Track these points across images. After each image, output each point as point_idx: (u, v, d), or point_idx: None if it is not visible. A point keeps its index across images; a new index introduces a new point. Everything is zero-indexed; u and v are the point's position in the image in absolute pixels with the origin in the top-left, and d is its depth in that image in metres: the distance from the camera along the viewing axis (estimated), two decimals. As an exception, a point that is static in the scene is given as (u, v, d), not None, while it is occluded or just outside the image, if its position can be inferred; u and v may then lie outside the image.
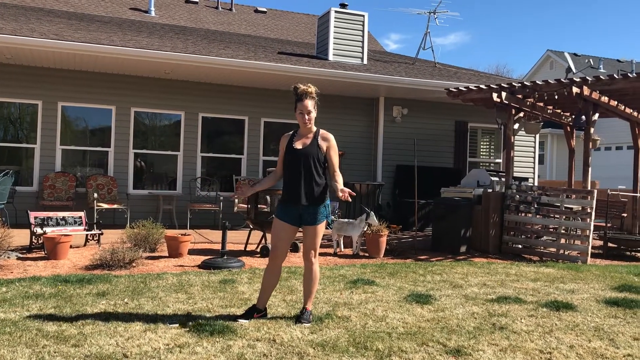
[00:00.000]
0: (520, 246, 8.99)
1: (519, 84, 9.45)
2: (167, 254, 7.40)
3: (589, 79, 8.81)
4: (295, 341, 3.87)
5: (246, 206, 9.37)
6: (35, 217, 7.48)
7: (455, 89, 10.39)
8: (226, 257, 6.80)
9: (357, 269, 6.88)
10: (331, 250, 8.40)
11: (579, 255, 8.36)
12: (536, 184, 14.17)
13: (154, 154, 11.57)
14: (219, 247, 7.39)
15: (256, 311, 4.40)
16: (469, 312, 4.83)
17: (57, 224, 7.63)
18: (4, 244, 6.55)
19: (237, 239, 9.03)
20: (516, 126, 9.74)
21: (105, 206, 10.00)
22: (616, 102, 9.78)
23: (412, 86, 11.65)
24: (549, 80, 9.14)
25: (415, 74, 12.45)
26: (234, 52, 11.26)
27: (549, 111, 10.68)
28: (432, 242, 9.20)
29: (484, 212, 9.13)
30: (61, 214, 7.80)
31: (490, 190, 9.70)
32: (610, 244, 9.31)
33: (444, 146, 13.31)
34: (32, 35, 9.36)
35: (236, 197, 4.55)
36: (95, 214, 9.56)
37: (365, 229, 8.09)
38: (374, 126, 12.90)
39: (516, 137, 10.83)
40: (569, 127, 11.50)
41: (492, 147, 14.22)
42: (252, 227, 8.09)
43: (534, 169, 14.23)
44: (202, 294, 5.22)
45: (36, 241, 7.35)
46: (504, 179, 9.92)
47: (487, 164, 14.10)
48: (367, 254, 8.14)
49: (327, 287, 5.68)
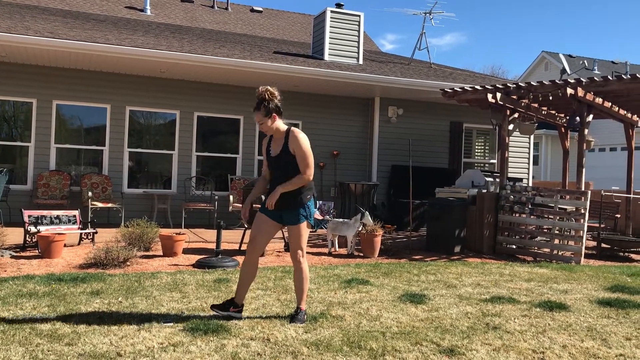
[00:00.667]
0: (514, 246, 9.02)
1: (514, 85, 9.48)
2: (162, 253, 7.39)
3: (584, 81, 8.84)
4: (289, 340, 3.87)
5: (241, 205, 9.36)
6: (29, 216, 7.46)
7: (450, 89, 10.41)
8: (221, 257, 6.81)
9: (352, 268, 6.89)
10: (326, 249, 8.39)
11: (572, 255, 8.40)
12: (530, 184, 14.22)
13: (148, 152, 11.55)
14: (213, 246, 7.39)
15: (233, 305, 4.36)
16: (463, 312, 4.84)
17: (51, 223, 7.61)
18: (-3, 242, 6.53)
19: (231, 238, 9.03)
20: (511, 127, 9.77)
21: (99, 205, 9.98)
22: (610, 104, 9.82)
23: (408, 86, 11.67)
24: (544, 81, 9.17)
25: (410, 74, 12.48)
26: (230, 51, 11.26)
27: (543, 112, 10.72)
28: (427, 242, 9.22)
29: (479, 212, 9.16)
30: (55, 213, 7.78)
31: (484, 190, 9.73)
32: (603, 245, 9.35)
33: (439, 146, 13.34)
34: (27, 33, 9.33)
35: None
36: (89, 213, 9.54)
37: (359, 229, 8.10)
38: (369, 126, 12.91)
39: (511, 137, 10.85)
40: (563, 128, 11.54)
41: (486, 147, 14.27)
42: (246, 226, 8.07)
43: (529, 169, 14.28)
44: (196, 293, 5.22)
45: (30, 240, 7.32)
46: (498, 180, 9.95)
47: (482, 165, 14.15)
48: (361, 254, 8.15)
49: (322, 287, 5.69)
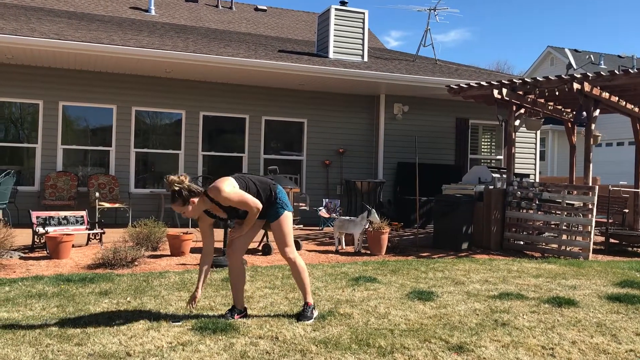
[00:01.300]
0: (521, 242, 8.99)
1: (520, 81, 9.43)
2: (169, 253, 7.41)
3: (590, 75, 8.79)
4: (297, 338, 3.87)
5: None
6: (37, 217, 7.50)
7: (456, 85, 10.37)
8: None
9: (359, 266, 6.88)
10: (333, 248, 8.40)
11: (580, 251, 8.36)
12: (537, 180, 14.16)
13: (155, 152, 11.58)
14: (220, 245, 7.39)
15: (236, 312, 4.38)
16: (471, 309, 4.83)
17: (59, 224, 7.65)
18: (6, 243, 6.56)
19: (238, 237, 9.02)
20: (517, 123, 9.73)
21: (107, 205, 10.02)
22: (617, 98, 9.76)
23: (413, 83, 11.65)
24: (550, 76, 9.12)
25: (415, 71, 12.45)
26: (235, 50, 11.26)
27: (549, 107, 10.67)
28: (434, 239, 9.20)
29: (486, 208, 9.13)
30: (63, 214, 7.81)
31: (491, 187, 9.70)
32: (612, 240, 9.31)
33: (445, 143, 13.30)
34: (33, 35, 9.37)
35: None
36: (97, 213, 9.58)
37: (366, 227, 8.09)
38: (375, 123, 12.90)
39: (517, 133, 10.81)
40: (570, 123, 11.48)
41: (493, 143, 14.22)
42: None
43: (535, 165, 14.23)
44: (204, 292, 5.23)
45: (38, 241, 7.36)
46: (505, 176, 9.91)
47: (489, 161, 14.10)
48: (368, 252, 8.15)
49: (329, 285, 5.69)
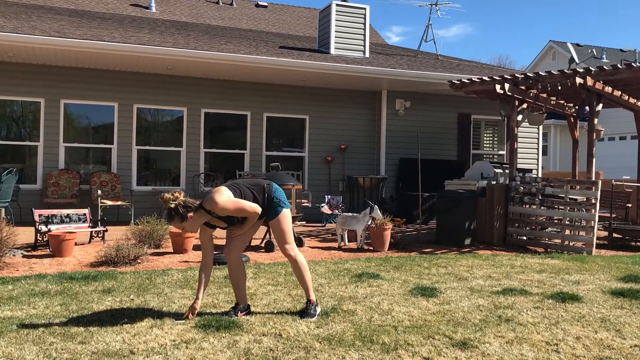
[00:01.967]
0: (524, 238, 8.97)
1: (522, 75, 9.40)
2: (172, 250, 7.41)
3: (592, 69, 8.75)
4: (301, 335, 3.87)
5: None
6: (39, 215, 7.50)
7: (458, 81, 10.34)
8: (231, 253, 6.80)
9: (362, 262, 6.88)
10: (335, 244, 8.39)
11: (584, 246, 8.34)
12: (540, 175, 14.13)
13: (157, 150, 11.58)
14: (223, 242, 7.39)
15: (239, 310, 4.38)
16: (475, 305, 4.82)
17: (62, 222, 7.65)
18: (9, 242, 6.55)
19: (241, 234, 9.02)
20: (519, 117, 9.70)
21: (109, 203, 10.02)
22: (620, 92, 9.73)
23: (415, 79, 11.61)
24: (552, 71, 9.09)
25: (417, 66, 12.41)
26: (236, 47, 11.24)
27: (552, 102, 10.63)
28: (437, 235, 9.19)
29: (488, 204, 9.11)
30: (65, 212, 7.82)
31: (494, 182, 9.68)
32: (615, 235, 9.29)
33: (447, 139, 13.27)
34: (34, 33, 9.36)
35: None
36: (99, 211, 9.57)
37: (369, 223, 8.08)
38: (377, 119, 12.87)
39: (519, 128, 10.79)
40: (572, 118, 11.45)
41: (495, 139, 14.18)
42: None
43: (538, 160, 14.19)
44: (207, 289, 5.22)
45: (41, 239, 7.37)
46: (507, 171, 9.89)
47: (491, 156, 14.07)
48: (371, 248, 8.14)
49: (332, 281, 5.68)
